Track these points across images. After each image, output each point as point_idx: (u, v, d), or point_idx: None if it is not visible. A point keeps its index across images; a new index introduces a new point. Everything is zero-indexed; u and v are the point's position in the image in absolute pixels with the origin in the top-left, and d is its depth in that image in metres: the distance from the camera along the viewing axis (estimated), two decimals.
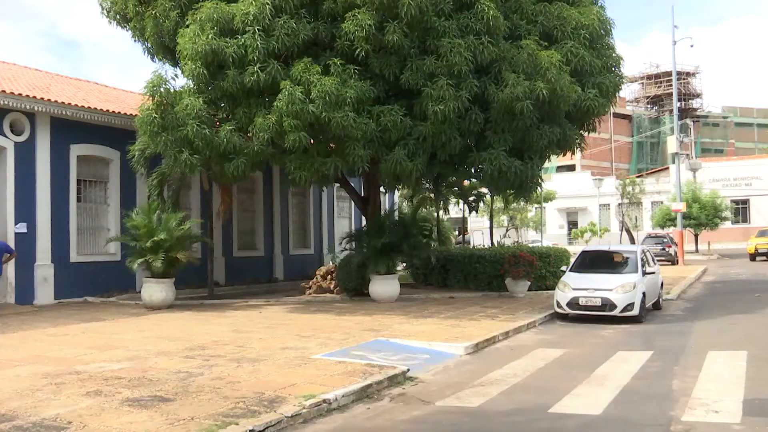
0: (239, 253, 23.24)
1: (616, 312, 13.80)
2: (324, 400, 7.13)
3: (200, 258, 18.77)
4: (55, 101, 17.12)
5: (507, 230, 48.02)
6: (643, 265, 15.14)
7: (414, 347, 10.71)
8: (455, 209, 32.74)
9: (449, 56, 14.34)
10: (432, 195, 26.15)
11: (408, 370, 8.87)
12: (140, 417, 6.38)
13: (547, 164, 24.99)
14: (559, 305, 14.43)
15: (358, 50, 14.54)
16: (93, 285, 18.04)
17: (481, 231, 47.14)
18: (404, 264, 21.92)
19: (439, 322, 13.28)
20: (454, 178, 22.12)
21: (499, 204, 32.28)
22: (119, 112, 18.58)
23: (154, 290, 15.92)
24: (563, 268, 17.01)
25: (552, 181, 55.98)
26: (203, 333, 11.99)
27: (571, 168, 66.46)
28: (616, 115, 68.65)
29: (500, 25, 14.97)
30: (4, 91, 15.99)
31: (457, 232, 43.01)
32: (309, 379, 8.07)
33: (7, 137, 16.48)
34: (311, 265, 23.57)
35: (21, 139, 16.78)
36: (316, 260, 25.58)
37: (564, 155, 20.30)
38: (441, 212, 28.19)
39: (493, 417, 7.02)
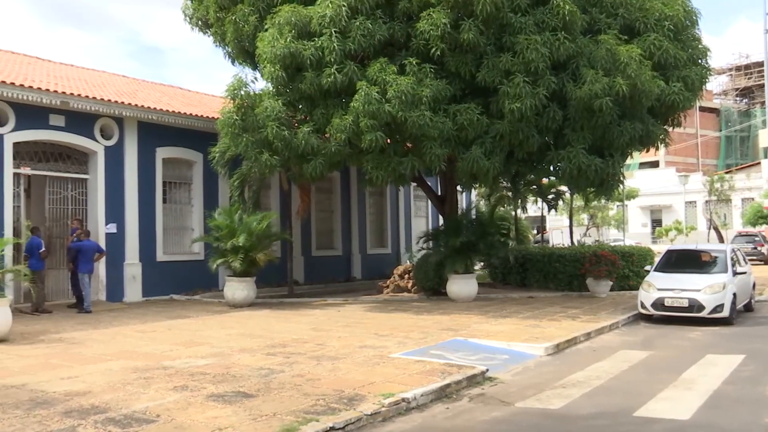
0: (318, 252, 23.55)
1: (704, 313, 13.29)
2: (403, 399, 7.14)
3: (280, 257, 19.12)
4: (142, 106, 17.77)
5: (587, 229, 46.93)
6: (733, 265, 14.54)
7: (493, 347, 10.60)
8: (533, 208, 32.22)
9: (525, 53, 14.14)
10: (509, 193, 25.83)
11: (487, 370, 8.78)
12: (224, 412, 6.55)
13: (628, 161, 24.30)
14: (643, 306, 14.01)
15: (434, 49, 14.52)
16: (178, 283, 18.65)
17: (560, 230, 46.22)
18: (482, 263, 21.74)
19: (519, 322, 13.11)
20: (532, 177, 21.78)
21: (578, 202, 31.58)
22: (202, 116, 19.12)
23: (236, 289, 16.33)
24: (647, 267, 16.49)
25: (634, 178, 54.39)
26: (284, 331, 12.21)
27: (654, 164, 64.41)
28: (703, 109, 66.00)
29: (577, 20, 14.66)
30: (95, 98, 16.71)
31: (535, 231, 42.31)
32: (387, 378, 8.09)
33: (97, 141, 17.22)
34: (388, 265, 23.66)
35: (110, 143, 17.50)
36: (393, 259, 25.66)
37: (647, 152, 19.69)
38: (519, 211, 27.77)
39: (575, 420, 6.87)
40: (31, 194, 17.47)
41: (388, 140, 15.27)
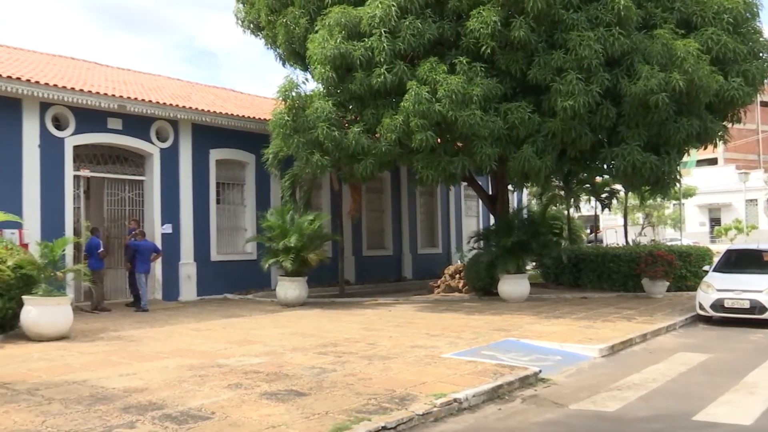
0: (368, 252, 23.63)
1: (766, 315, 12.88)
2: (455, 400, 7.11)
3: (331, 257, 19.24)
4: (196, 109, 18.11)
5: (642, 228, 45.95)
6: None
7: (545, 348, 10.46)
8: (586, 207, 31.72)
9: (578, 50, 13.91)
10: (562, 192, 25.48)
11: (540, 371, 8.68)
12: (278, 410, 6.62)
13: (685, 158, 23.69)
14: (701, 307, 13.65)
15: (484, 48, 14.41)
16: (231, 282, 18.94)
17: (614, 229, 45.36)
18: (534, 263, 21.50)
19: (572, 323, 12.91)
20: (585, 175, 21.41)
21: (633, 201, 30.96)
22: (254, 117, 19.38)
23: (288, 288, 16.50)
24: (706, 267, 16.06)
25: (691, 176, 52.95)
26: (335, 330, 12.28)
27: (713, 162, 62.63)
28: (764, 104, 63.84)
29: (632, 15, 14.36)
30: (150, 101, 17.10)
31: (588, 231, 41.65)
32: (439, 378, 8.07)
33: (153, 144, 17.61)
34: (439, 264, 23.60)
35: (166, 145, 17.88)
36: (444, 259, 25.57)
37: (705, 149, 19.18)
38: (571, 210, 27.37)
39: (631, 423, 6.74)
40: (90, 196, 17.97)
41: (439, 140, 15.22)
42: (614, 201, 28.44)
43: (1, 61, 16.56)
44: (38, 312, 11.07)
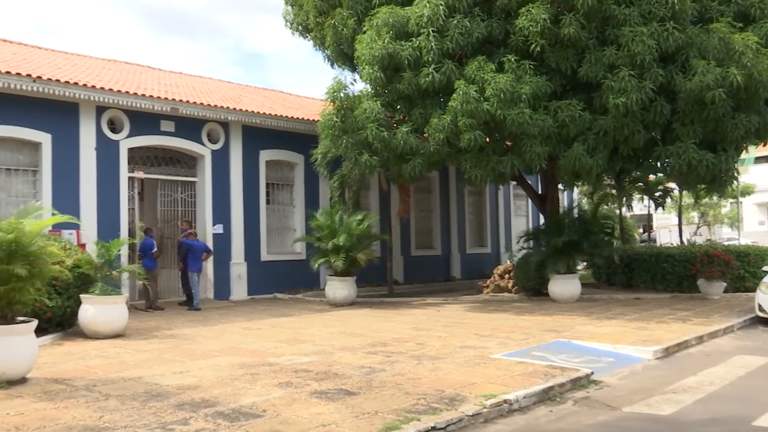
0: (417, 252, 23.61)
1: None
2: (505, 401, 7.04)
3: (379, 257, 19.29)
4: (246, 110, 18.36)
5: (698, 227, 44.85)
6: None
7: (597, 349, 10.28)
8: (639, 206, 31.15)
9: (631, 45, 13.65)
10: (614, 191, 25.06)
11: (592, 373, 8.53)
12: (327, 409, 6.65)
13: (743, 156, 23.06)
14: (761, 309, 13.23)
15: (533, 45, 14.26)
16: (281, 282, 19.14)
17: (668, 228, 44.39)
18: (585, 263, 21.18)
19: (624, 324, 12.66)
20: (638, 174, 21.04)
21: (688, 199, 30.24)
22: (303, 118, 19.55)
23: (337, 288, 16.59)
24: (765, 268, 15.56)
25: (750, 173, 51.40)
26: (384, 330, 12.30)
27: None
28: None
29: (687, 8, 14.02)
30: (202, 104, 17.40)
31: (641, 230, 40.88)
32: (489, 379, 8.00)
33: (205, 145, 17.92)
34: (488, 264, 23.44)
35: (217, 146, 18.17)
36: (493, 259, 25.39)
37: (764, 145, 18.60)
38: (624, 209, 26.91)
39: (687, 427, 6.56)
40: (144, 197, 18.38)
41: (487, 139, 15.12)
42: (668, 200, 27.84)
43: (60, 67, 17.06)
44: (95, 310, 11.37)
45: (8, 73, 14.03)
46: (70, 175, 15.28)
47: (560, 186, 21.12)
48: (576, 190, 28.65)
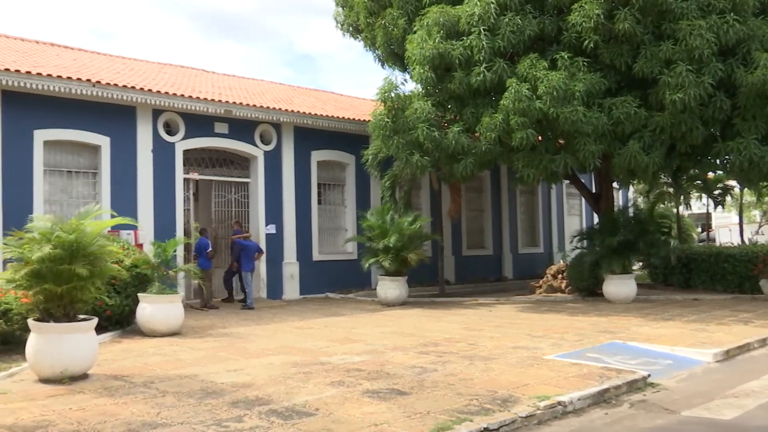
0: (468, 251, 23.48)
1: None
2: (559, 402, 6.93)
3: (431, 257, 19.24)
4: (298, 112, 18.53)
5: (760, 226, 43.47)
6: None
7: (654, 351, 10.05)
8: (697, 204, 30.36)
9: (688, 40, 13.32)
10: (670, 190, 24.48)
11: (649, 375, 8.34)
12: (379, 408, 6.66)
13: None
14: None
15: (587, 42, 14.05)
16: (333, 282, 19.27)
17: (728, 228, 43.16)
18: (641, 263, 20.76)
19: (683, 326, 12.35)
20: (696, 171, 20.51)
21: (749, 197, 29.34)
22: (354, 119, 19.64)
23: (389, 288, 16.61)
24: None
25: None
26: (436, 330, 12.26)
27: None
28: None
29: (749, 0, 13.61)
30: (255, 106, 17.64)
31: (699, 229, 39.82)
32: (542, 380, 7.90)
33: (257, 147, 18.16)
34: (540, 264, 23.17)
35: (269, 148, 18.40)
36: (546, 259, 25.07)
37: None
38: (681, 208, 26.27)
39: None
40: (199, 198, 18.72)
41: (540, 137, 14.95)
42: (728, 198, 27.05)
43: (118, 72, 17.51)
44: (152, 309, 11.63)
45: (69, 78, 14.47)
46: (128, 177, 15.67)
47: (615, 184, 20.73)
48: (631, 189, 28.09)
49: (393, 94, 16.06)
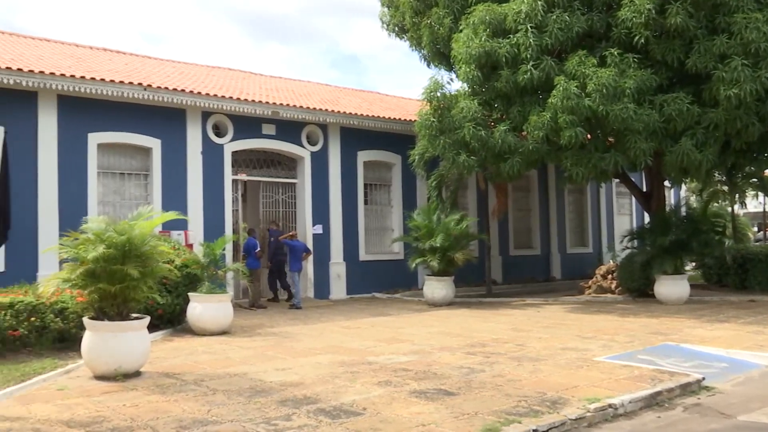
0: (515, 251, 23.27)
1: None
2: (609, 405, 6.81)
3: (477, 256, 19.13)
4: (344, 112, 18.61)
5: None
6: None
7: (709, 354, 9.79)
8: (753, 203, 29.50)
9: (744, 33, 12.95)
10: (725, 188, 23.82)
11: (703, 378, 8.13)
12: (427, 408, 6.64)
13: None
14: None
15: (637, 37, 13.78)
16: (379, 282, 19.29)
17: None
18: (694, 263, 20.27)
19: (739, 328, 12.01)
20: (752, 169, 19.90)
21: None
22: (399, 119, 19.64)
23: (435, 288, 16.56)
24: None
25: None
26: (483, 330, 12.18)
27: None
28: None
29: None
30: (301, 107, 17.78)
31: (756, 229, 38.72)
32: (592, 382, 7.77)
33: (304, 147, 18.30)
34: (590, 264, 22.81)
35: (315, 148, 18.52)
36: (595, 259, 24.66)
37: None
38: (736, 206, 25.53)
39: None
40: (247, 198, 18.95)
41: (589, 136, 14.73)
42: None
43: (168, 75, 17.85)
44: (202, 308, 11.82)
45: (122, 82, 14.81)
46: (178, 179, 15.96)
47: (666, 183, 20.30)
48: (684, 187, 27.46)
49: (439, 94, 16.01)
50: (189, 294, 12.05)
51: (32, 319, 9.65)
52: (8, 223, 13.38)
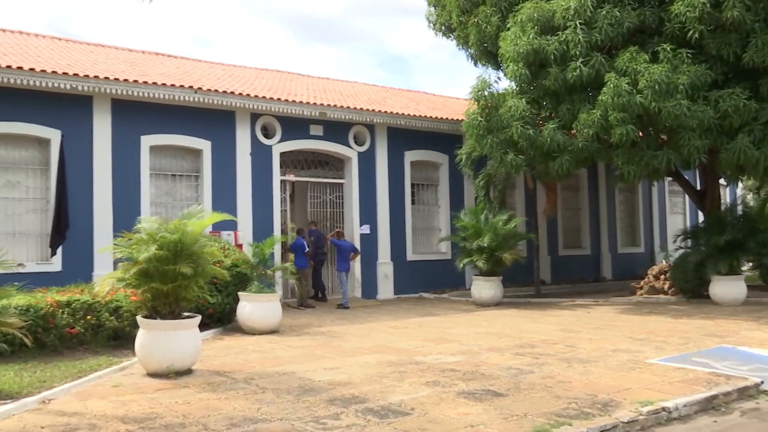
0: (564, 251, 22.97)
1: None
2: (663, 408, 6.66)
3: (526, 256, 18.93)
4: (391, 112, 18.62)
5: None
6: None
7: (767, 357, 9.50)
8: None
9: None
10: None
11: (762, 382, 7.88)
12: (475, 409, 6.60)
13: None
14: None
15: (691, 32, 13.46)
16: (427, 281, 19.25)
17: None
18: (751, 263, 19.67)
19: None
20: None
21: None
22: (447, 118, 19.56)
23: (483, 288, 16.45)
24: None
25: None
26: (531, 331, 12.05)
27: None
28: None
29: None
30: (349, 107, 17.86)
31: None
32: (644, 385, 7.61)
33: (351, 148, 18.38)
34: (641, 264, 22.34)
35: (363, 149, 18.58)
36: (647, 259, 24.14)
37: None
38: None
39: None
40: (295, 199, 19.12)
41: (640, 133, 14.44)
42: None
43: (218, 78, 18.13)
44: (252, 307, 11.97)
45: (173, 85, 15.09)
46: (228, 180, 16.19)
47: (722, 181, 19.76)
48: (740, 185, 26.69)
49: (486, 93, 15.90)
50: (239, 293, 12.22)
51: (88, 317, 9.93)
52: (67, 224, 13.90)
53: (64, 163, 14.03)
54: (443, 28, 19.86)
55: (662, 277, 18.28)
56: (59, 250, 13.83)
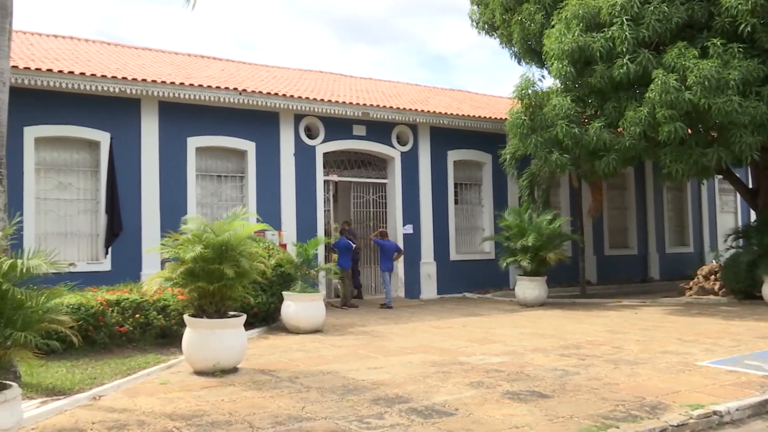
0: (611, 251, 22.61)
1: None
2: (714, 412, 6.50)
3: (571, 256, 18.69)
4: (434, 112, 18.57)
5: None
6: None
7: None
8: None
9: None
10: None
11: None
12: (520, 410, 6.54)
13: None
14: None
15: (743, 26, 13.12)
16: (470, 282, 19.15)
17: None
18: None
19: None
20: None
21: None
22: (490, 117, 19.42)
23: (527, 288, 16.29)
24: None
25: None
26: (577, 332, 11.89)
27: None
28: None
29: None
30: (391, 107, 17.87)
31: None
32: (694, 388, 7.45)
33: (394, 147, 18.38)
34: (690, 265, 21.87)
35: (405, 148, 18.56)
36: (696, 259, 23.63)
37: None
38: None
39: None
40: (338, 199, 19.20)
41: (689, 130, 14.13)
42: None
43: (262, 79, 18.31)
44: (296, 307, 12.06)
45: (218, 87, 15.31)
46: (272, 180, 16.35)
47: None
48: None
49: (530, 91, 15.76)
50: (283, 293, 12.32)
51: (137, 315, 10.13)
52: (120, 224, 14.28)
53: (113, 165, 14.36)
54: (486, 26, 19.72)
55: (712, 277, 17.87)
56: (108, 251, 14.16)
